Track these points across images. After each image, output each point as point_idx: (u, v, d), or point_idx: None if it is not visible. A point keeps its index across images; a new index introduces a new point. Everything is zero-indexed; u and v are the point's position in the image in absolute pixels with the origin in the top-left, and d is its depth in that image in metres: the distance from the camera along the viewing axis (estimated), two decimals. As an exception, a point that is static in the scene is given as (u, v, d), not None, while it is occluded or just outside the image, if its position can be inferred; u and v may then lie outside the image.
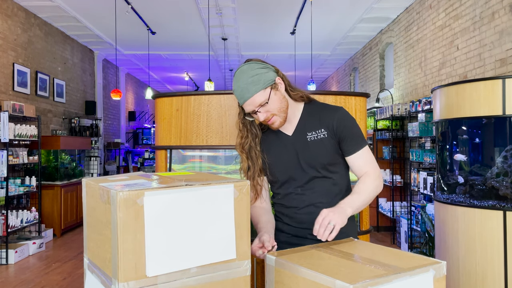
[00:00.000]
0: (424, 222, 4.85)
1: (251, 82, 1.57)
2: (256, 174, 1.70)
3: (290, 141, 1.69)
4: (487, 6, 4.46)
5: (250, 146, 1.69)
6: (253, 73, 1.58)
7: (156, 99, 2.55)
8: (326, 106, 1.72)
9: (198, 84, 14.57)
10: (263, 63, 1.63)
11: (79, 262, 5.18)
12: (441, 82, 5.53)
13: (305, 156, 1.66)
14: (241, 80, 1.59)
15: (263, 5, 7.07)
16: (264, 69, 1.60)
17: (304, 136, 1.66)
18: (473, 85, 2.93)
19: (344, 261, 1.26)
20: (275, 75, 1.63)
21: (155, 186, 1.14)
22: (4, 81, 6.14)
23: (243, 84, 1.58)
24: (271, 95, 1.59)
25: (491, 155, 3.15)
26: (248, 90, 1.57)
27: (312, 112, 1.69)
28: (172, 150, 2.49)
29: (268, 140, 1.74)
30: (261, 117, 1.61)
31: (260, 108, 1.60)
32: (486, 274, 2.79)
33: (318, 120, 1.66)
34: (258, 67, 1.60)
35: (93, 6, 6.99)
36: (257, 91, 1.57)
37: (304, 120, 1.69)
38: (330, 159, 1.65)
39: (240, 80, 1.59)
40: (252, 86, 1.57)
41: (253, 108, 1.60)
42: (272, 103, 1.60)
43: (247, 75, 1.58)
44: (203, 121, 2.34)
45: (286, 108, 1.65)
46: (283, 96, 1.64)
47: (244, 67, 1.61)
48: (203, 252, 1.17)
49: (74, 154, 7.70)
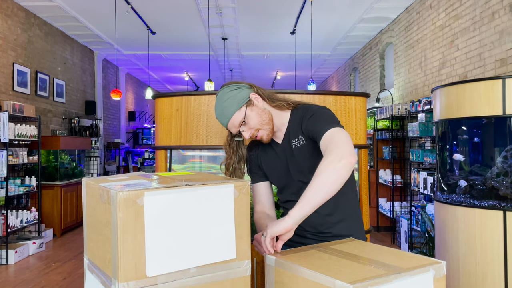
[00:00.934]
0: (424, 222, 4.85)
1: (225, 106, 1.64)
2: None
3: (280, 149, 1.73)
4: (487, 6, 4.46)
5: (234, 167, 1.76)
6: (225, 97, 1.65)
7: (156, 99, 2.55)
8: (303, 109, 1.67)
9: (198, 84, 14.57)
10: (236, 83, 1.70)
11: (79, 262, 5.18)
12: (441, 82, 5.53)
13: (292, 163, 1.69)
14: (217, 107, 1.68)
15: (263, 5, 7.07)
16: (236, 90, 1.66)
17: (290, 143, 1.69)
18: (473, 85, 2.93)
19: (344, 261, 1.26)
20: (248, 92, 1.68)
21: (155, 186, 1.14)
22: (4, 81, 6.14)
23: (219, 110, 1.67)
24: (247, 112, 1.64)
25: (491, 155, 3.15)
26: (224, 114, 1.64)
27: (295, 119, 1.69)
28: (172, 150, 2.49)
29: (264, 148, 1.79)
30: (246, 135, 1.67)
31: (242, 127, 1.66)
32: (486, 274, 2.79)
33: (299, 126, 1.66)
34: (230, 90, 1.66)
35: (93, 6, 6.99)
36: (233, 113, 1.64)
37: (290, 127, 1.71)
38: (315, 163, 1.50)
39: (217, 108, 1.68)
40: (227, 110, 1.64)
41: (236, 129, 1.66)
42: (251, 120, 1.65)
43: (221, 101, 1.66)
44: (203, 121, 2.34)
45: (269, 120, 1.68)
46: (263, 109, 1.68)
47: (218, 94, 1.68)
48: (203, 252, 1.17)
49: (74, 154, 7.70)
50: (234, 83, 1.70)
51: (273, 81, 14.16)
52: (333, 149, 1.42)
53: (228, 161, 1.77)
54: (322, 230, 1.68)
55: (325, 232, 1.68)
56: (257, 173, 1.80)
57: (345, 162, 1.38)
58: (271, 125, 1.68)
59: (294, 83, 13.80)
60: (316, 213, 1.50)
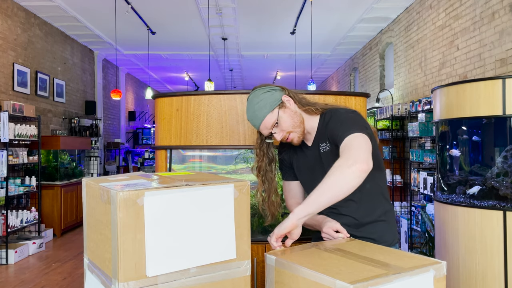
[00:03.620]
0: (424, 222, 4.85)
1: (258, 108, 1.65)
2: (272, 196, 1.79)
3: (310, 152, 1.75)
4: (487, 6, 4.46)
5: (266, 169, 1.78)
6: (257, 100, 1.66)
7: (156, 99, 2.55)
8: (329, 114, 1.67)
9: (198, 84, 14.57)
10: (268, 86, 1.71)
11: (79, 262, 5.18)
12: (441, 82, 5.53)
13: (319, 167, 1.69)
14: (249, 109, 1.69)
15: (263, 5, 7.07)
16: (268, 92, 1.67)
17: (318, 148, 1.70)
18: (473, 85, 2.93)
19: (344, 261, 1.26)
20: (281, 94, 1.69)
21: (155, 186, 1.14)
22: (4, 81, 6.14)
23: (251, 112, 1.68)
24: (279, 114, 1.65)
25: (491, 155, 3.15)
26: (257, 116, 1.66)
27: (323, 123, 1.70)
28: (172, 150, 2.49)
29: (295, 150, 1.81)
30: (277, 137, 1.67)
31: (275, 129, 1.66)
32: (486, 274, 2.79)
33: (325, 131, 1.67)
34: (262, 92, 1.68)
35: (93, 6, 6.99)
36: (265, 115, 1.64)
37: (319, 131, 1.71)
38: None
39: (249, 110, 1.69)
40: (259, 112, 1.65)
41: (268, 131, 1.67)
42: (284, 122, 1.65)
43: (253, 103, 1.67)
44: (203, 121, 2.34)
45: (301, 122, 1.68)
46: (295, 112, 1.68)
47: (250, 96, 1.70)
48: (203, 252, 1.17)
49: (74, 154, 7.70)
50: (266, 86, 1.72)
51: (273, 81, 14.15)
52: (347, 153, 1.44)
53: (260, 163, 1.78)
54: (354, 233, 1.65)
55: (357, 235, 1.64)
56: (288, 172, 1.84)
57: (355, 168, 1.38)
58: (302, 128, 1.69)
59: (294, 83, 13.79)
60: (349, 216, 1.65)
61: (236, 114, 2.29)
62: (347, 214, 1.68)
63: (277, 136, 1.67)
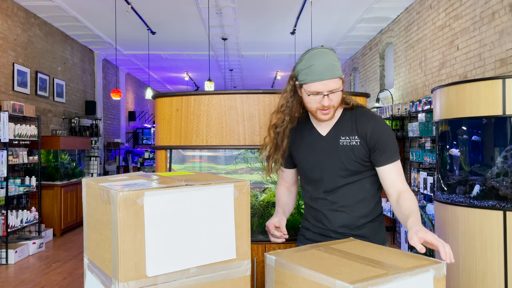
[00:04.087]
0: (424, 222, 4.85)
1: (334, 65, 1.58)
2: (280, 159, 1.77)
3: (322, 141, 1.70)
4: (487, 6, 4.46)
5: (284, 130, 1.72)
6: (335, 58, 1.60)
7: (156, 99, 2.55)
8: (365, 114, 1.70)
9: (198, 84, 14.57)
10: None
11: (79, 262, 5.18)
12: (441, 82, 5.53)
13: (332, 159, 1.67)
14: (325, 58, 1.58)
15: (263, 5, 7.07)
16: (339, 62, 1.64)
17: (337, 139, 1.67)
18: (473, 85, 2.93)
19: (344, 261, 1.26)
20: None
21: (155, 186, 1.14)
22: (4, 81, 6.14)
23: (327, 62, 1.57)
24: (341, 86, 1.62)
25: (491, 155, 3.15)
26: (331, 71, 1.57)
27: (349, 117, 1.69)
28: (172, 150, 2.49)
29: (302, 136, 1.75)
30: (326, 101, 1.59)
31: (329, 94, 1.59)
32: (486, 274, 2.79)
33: (354, 126, 1.67)
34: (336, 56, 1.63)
35: (93, 6, 6.99)
36: (337, 76, 1.58)
37: (340, 123, 1.69)
38: (356, 166, 1.66)
39: (323, 58, 1.58)
40: (335, 69, 1.58)
41: (324, 90, 1.58)
42: (338, 94, 1.61)
43: (331, 57, 1.59)
44: (203, 121, 2.34)
45: (340, 104, 1.67)
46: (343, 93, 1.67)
47: (325, 49, 1.61)
48: (203, 252, 1.17)
49: (74, 154, 7.70)
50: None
51: (273, 81, 14.15)
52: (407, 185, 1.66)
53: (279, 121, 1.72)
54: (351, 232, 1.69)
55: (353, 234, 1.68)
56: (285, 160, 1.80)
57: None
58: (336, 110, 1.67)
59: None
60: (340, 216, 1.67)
61: (236, 114, 2.29)
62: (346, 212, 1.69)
63: (326, 101, 1.58)
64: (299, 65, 1.63)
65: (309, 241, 1.71)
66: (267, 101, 2.28)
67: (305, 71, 1.59)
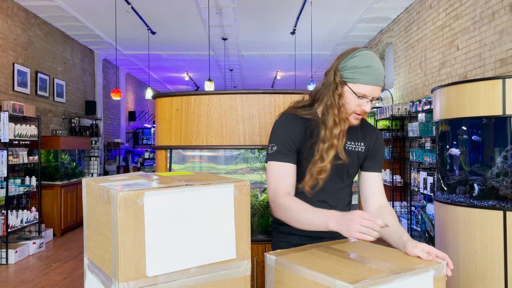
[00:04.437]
0: (424, 222, 4.85)
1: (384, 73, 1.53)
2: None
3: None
4: (487, 6, 4.46)
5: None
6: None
7: (156, 99, 2.55)
8: (367, 123, 1.75)
9: (198, 84, 14.57)
10: None
11: (79, 262, 5.18)
12: (441, 82, 5.53)
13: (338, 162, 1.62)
14: (380, 64, 1.53)
15: (263, 5, 7.07)
16: None
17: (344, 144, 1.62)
18: (473, 85, 2.93)
19: (344, 261, 1.26)
20: None
21: (155, 186, 1.14)
22: (4, 81, 6.14)
23: (383, 69, 1.52)
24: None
25: (491, 155, 3.15)
26: (383, 78, 1.52)
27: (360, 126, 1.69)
28: (172, 150, 2.49)
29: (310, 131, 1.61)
30: (368, 107, 1.53)
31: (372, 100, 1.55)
32: (486, 274, 2.79)
33: (361, 134, 1.69)
34: None
35: (93, 6, 6.99)
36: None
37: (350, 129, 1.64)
38: (355, 171, 1.70)
39: (380, 63, 1.52)
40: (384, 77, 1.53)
41: (371, 95, 1.52)
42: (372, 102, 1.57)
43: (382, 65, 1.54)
44: (203, 121, 2.34)
45: None
46: None
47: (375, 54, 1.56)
48: (203, 252, 1.17)
49: (74, 154, 7.70)
50: None
51: (273, 81, 14.16)
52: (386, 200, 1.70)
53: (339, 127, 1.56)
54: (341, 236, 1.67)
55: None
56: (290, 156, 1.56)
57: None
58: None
59: (294, 83, 13.80)
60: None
61: (236, 114, 2.29)
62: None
63: (367, 107, 1.53)
64: (349, 61, 1.52)
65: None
66: (267, 101, 2.28)
67: (361, 70, 1.49)
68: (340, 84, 1.53)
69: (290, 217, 1.47)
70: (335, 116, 1.53)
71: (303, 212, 1.43)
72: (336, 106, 1.53)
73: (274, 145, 1.56)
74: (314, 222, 1.41)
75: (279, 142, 1.56)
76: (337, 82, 1.53)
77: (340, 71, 1.54)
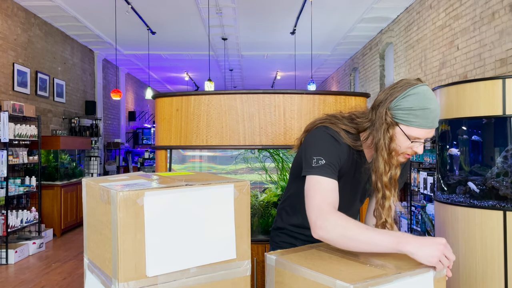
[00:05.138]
0: (424, 222, 4.85)
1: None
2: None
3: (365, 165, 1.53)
4: (487, 6, 4.46)
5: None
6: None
7: (156, 99, 2.55)
8: None
9: (198, 84, 14.57)
10: None
11: (79, 262, 5.18)
12: (441, 82, 5.53)
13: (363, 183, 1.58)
14: (436, 103, 1.38)
15: (263, 5, 7.07)
16: None
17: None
18: (473, 85, 2.93)
19: (344, 261, 1.26)
20: None
21: (155, 186, 1.14)
22: (4, 81, 6.14)
23: (439, 109, 1.39)
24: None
25: (491, 155, 3.15)
26: (438, 118, 1.40)
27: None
28: (172, 150, 2.49)
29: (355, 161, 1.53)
30: (421, 149, 1.42)
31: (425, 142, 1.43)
32: (486, 274, 2.79)
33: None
34: None
35: (93, 6, 6.99)
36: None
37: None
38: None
39: (436, 103, 1.38)
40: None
41: (425, 137, 1.40)
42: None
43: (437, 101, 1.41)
44: (203, 121, 2.34)
45: None
46: None
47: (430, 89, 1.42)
48: (203, 252, 1.17)
49: (74, 154, 7.70)
50: None
51: (273, 81, 14.16)
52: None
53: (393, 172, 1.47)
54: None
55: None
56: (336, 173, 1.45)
57: None
58: None
59: (294, 83, 13.80)
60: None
61: (236, 114, 2.29)
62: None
63: (420, 150, 1.42)
64: (402, 100, 1.38)
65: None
66: (267, 101, 2.28)
67: (416, 113, 1.36)
68: (392, 125, 1.40)
69: (346, 235, 1.29)
70: (385, 162, 1.42)
71: (366, 231, 1.29)
72: (386, 150, 1.41)
73: (321, 159, 1.42)
74: (380, 242, 1.26)
75: (327, 156, 1.42)
76: (389, 122, 1.40)
77: (391, 109, 1.40)
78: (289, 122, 2.27)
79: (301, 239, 1.64)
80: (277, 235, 1.72)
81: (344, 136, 1.47)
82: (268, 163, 2.46)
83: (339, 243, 1.31)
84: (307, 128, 1.60)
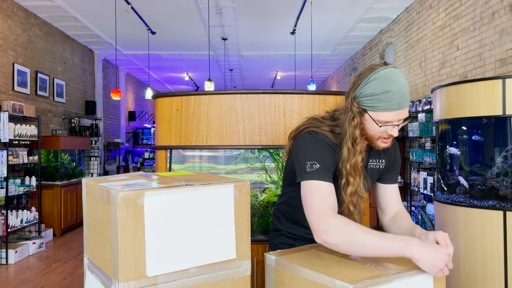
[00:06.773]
0: (424, 222, 4.85)
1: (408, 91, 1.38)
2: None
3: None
4: (487, 6, 4.46)
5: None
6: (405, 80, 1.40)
7: (156, 99, 2.55)
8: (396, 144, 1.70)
9: (198, 84, 14.57)
10: None
11: (79, 262, 5.18)
12: (441, 82, 5.53)
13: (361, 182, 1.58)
14: (401, 83, 1.36)
15: (263, 5, 7.07)
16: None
17: (367, 162, 1.58)
18: (473, 85, 2.93)
19: (344, 261, 1.26)
20: None
21: (155, 186, 1.14)
22: (4, 81, 6.14)
23: (404, 88, 1.36)
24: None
25: (491, 155, 3.15)
26: (407, 98, 1.38)
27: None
28: (172, 150, 2.49)
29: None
30: (395, 131, 1.42)
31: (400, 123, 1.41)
32: (486, 274, 2.79)
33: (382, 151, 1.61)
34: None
35: (93, 6, 6.99)
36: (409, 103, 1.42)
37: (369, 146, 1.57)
38: (371, 185, 1.64)
39: (400, 83, 1.36)
40: (408, 95, 1.38)
41: (396, 119, 1.39)
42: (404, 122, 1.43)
43: (405, 81, 1.38)
44: (203, 121, 2.34)
45: None
46: None
47: (397, 70, 1.39)
48: (203, 252, 1.17)
49: (74, 154, 7.70)
50: None
51: (273, 81, 14.16)
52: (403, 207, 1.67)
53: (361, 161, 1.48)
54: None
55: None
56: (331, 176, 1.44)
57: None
58: None
59: (294, 83, 13.80)
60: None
61: (236, 114, 2.29)
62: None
63: (394, 132, 1.42)
64: (365, 87, 1.39)
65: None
66: (267, 101, 2.28)
67: (379, 97, 1.36)
68: (359, 114, 1.42)
69: (350, 239, 1.25)
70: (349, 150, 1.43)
71: (371, 235, 1.25)
72: (350, 139, 1.42)
73: (315, 163, 1.40)
74: (387, 247, 1.22)
75: (321, 160, 1.41)
76: (355, 111, 1.42)
77: (357, 98, 1.42)
78: (289, 122, 2.27)
79: (300, 239, 1.64)
80: (276, 237, 1.72)
81: (332, 137, 1.48)
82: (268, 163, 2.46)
83: (343, 248, 1.27)
84: (292, 135, 1.59)
